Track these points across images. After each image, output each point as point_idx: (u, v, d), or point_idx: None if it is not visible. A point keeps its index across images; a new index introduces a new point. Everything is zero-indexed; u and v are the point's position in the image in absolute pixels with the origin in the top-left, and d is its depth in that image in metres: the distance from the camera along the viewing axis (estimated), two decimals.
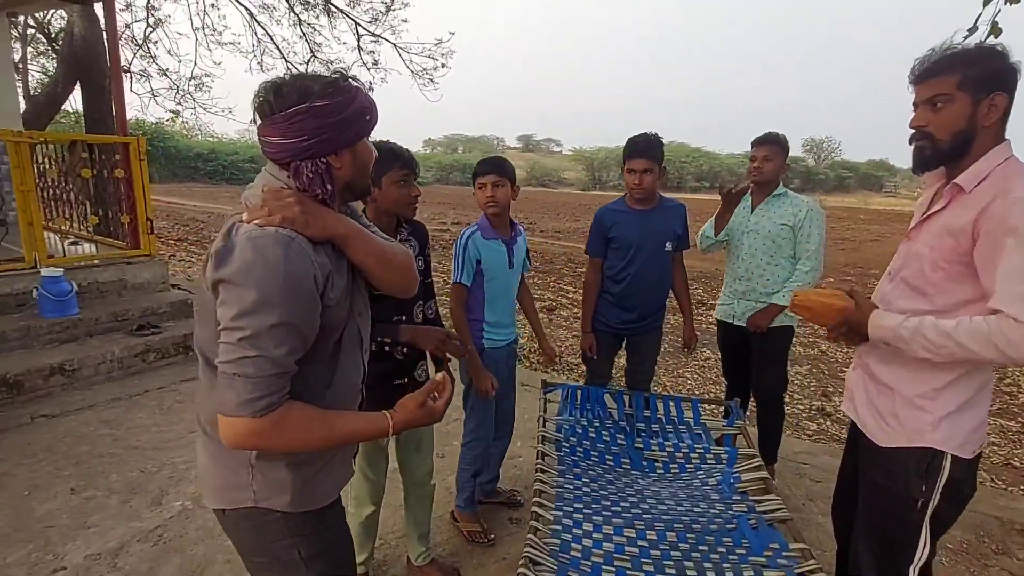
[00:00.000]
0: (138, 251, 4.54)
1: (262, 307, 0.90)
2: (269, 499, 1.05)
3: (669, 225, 2.48)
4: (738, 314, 2.71)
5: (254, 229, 0.93)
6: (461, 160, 53.43)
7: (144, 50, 10.79)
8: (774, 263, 2.59)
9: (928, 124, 1.27)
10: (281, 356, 0.93)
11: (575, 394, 2.43)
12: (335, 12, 11.39)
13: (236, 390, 0.91)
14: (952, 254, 1.24)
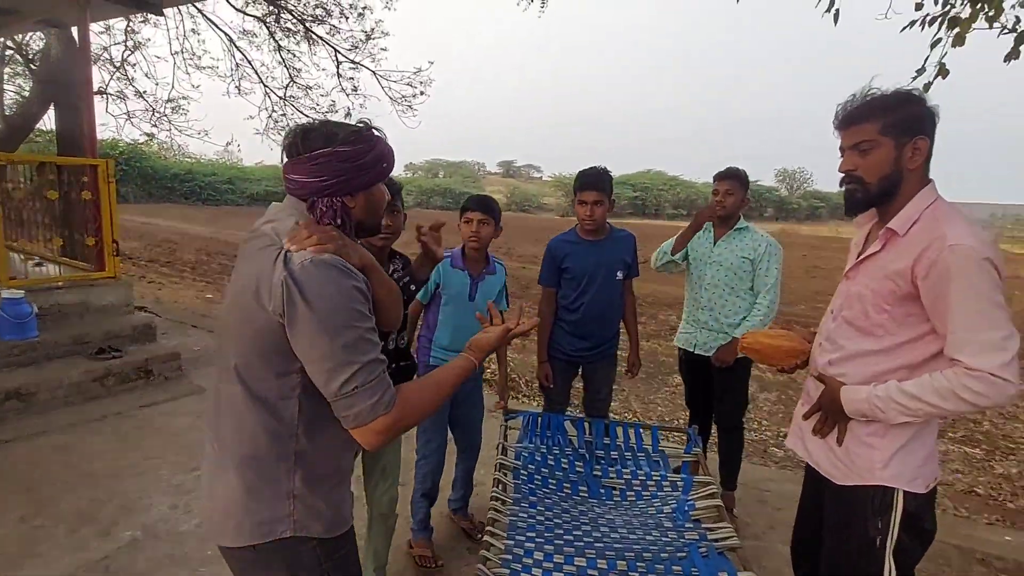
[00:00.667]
0: (102, 273, 4.47)
1: (350, 323, 1.01)
2: (307, 527, 1.09)
3: (619, 254, 2.58)
4: (700, 343, 2.79)
5: (310, 257, 1.02)
6: (442, 185, 53.69)
7: (121, 72, 10.77)
8: (735, 295, 2.69)
9: (857, 168, 1.31)
10: (377, 356, 1.04)
11: (536, 421, 2.45)
12: (315, 39, 11.54)
13: (363, 400, 1.01)
14: (892, 297, 1.28)
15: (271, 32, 11.61)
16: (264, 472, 1.07)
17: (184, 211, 25.78)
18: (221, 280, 9.68)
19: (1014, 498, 3.55)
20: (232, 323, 1.07)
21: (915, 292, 1.24)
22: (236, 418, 1.07)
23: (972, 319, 1.17)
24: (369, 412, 1.01)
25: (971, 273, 1.17)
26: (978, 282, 1.17)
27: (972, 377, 1.16)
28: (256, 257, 1.06)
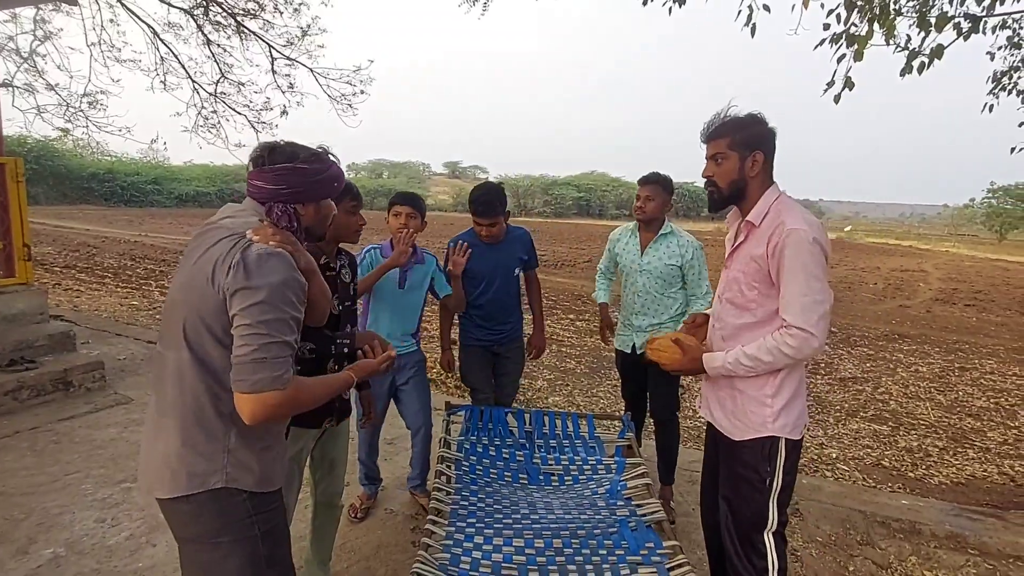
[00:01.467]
0: (12, 280, 4.15)
1: (281, 306, 1.17)
2: (237, 480, 1.23)
3: (515, 253, 2.77)
4: (638, 345, 2.88)
5: (265, 248, 1.19)
6: (386, 185, 52.82)
7: (30, 63, 9.96)
8: (667, 296, 2.82)
9: (713, 175, 1.64)
10: (292, 341, 1.20)
11: (477, 415, 2.51)
12: (247, 34, 11.10)
13: (268, 370, 1.14)
14: (757, 275, 1.58)
15: (199, 26, 11.08)
16: (203, 428, 1.21)
17: (104, 213, 24.13)
18: (147, 286, 9.15)
19: (914, 468, 3.93)
20: (184, 299, 1.22)
21: (769, 270, 1.54)
22: (180, 380, 1.21)
23: (798, 287, 1.48)
24: (269, 383, 1.15)
25: (802, 251, 1.48)
26: (806, 259, 1.48)
27: (789, 335, 1.49)
28: (214, 244, 1.21)
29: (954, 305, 11.40)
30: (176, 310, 1.22)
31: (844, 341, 7.88)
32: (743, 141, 1.58)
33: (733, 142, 1.59)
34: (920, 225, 51.88)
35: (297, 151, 1.31)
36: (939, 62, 3.85)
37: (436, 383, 5.29)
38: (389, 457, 3.06)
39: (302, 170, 1.29)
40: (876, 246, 29.11)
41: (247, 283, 1.15)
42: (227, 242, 1.20)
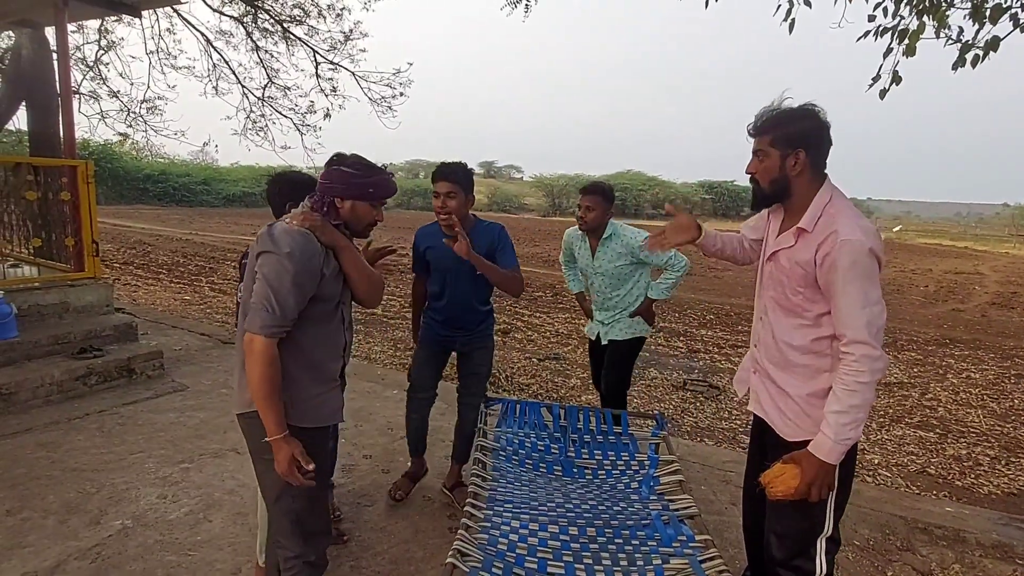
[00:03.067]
0: (82, 274, 4.47)
1: (287, 268, 1.43)
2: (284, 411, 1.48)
3: (482, 249, 2.44)
4: (602, 333, 3.06)
5: (290, 226, 1.48)
6: (422, 185, 53.55)
7: (95, 71, 10.62)
8: (625, 287, 2.96)
9: (756, 172, 1.57)
10: (291, 303, 1.44)
11: (514, 408, 2.58)
12: (293, 40, 11.51)
13: (262, 317, 1.42)
14: (803, 280, 1.51)
15: (248, 32, 11.54)
16: None
17: (158, 212, 25.33)
18: (198, 282, 9.61)
19: (962, 477, 3.80)
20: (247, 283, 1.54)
21: (817, 278, 1.47)
22: (241, 328, 1.52)
23: (856, 301, 1.40)
24: (258, 327, 1.42)
25: (858, 264, 1.40)
26: (861, 271, 1.40)
27: (854, 362, 1.40)
28: None
29: (1012, 309, 10.83)
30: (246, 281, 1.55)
31: (890, 345, 7.61)
32: (785, 138, 1.50)
33: (775, 139, 1.51)
34: (977, 225, 49.16)
35: (353, 159, 1.61)
36: (995, 54, 3.70)
37: None
38: (427, 447, 3.17)
39: (346, 173, 1.56)
40: (928, 247, 27.80)
41: (265, 248, 1.45)
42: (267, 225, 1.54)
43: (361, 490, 2.78)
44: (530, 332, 7.66)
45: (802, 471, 1.46)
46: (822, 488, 1.46)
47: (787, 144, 1.50)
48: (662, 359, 6.60)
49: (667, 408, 4.99)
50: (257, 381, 1.43)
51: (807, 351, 1.54)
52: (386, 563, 2.27)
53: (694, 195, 44.81)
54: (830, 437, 1.42)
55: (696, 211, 45.52)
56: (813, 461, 1.44)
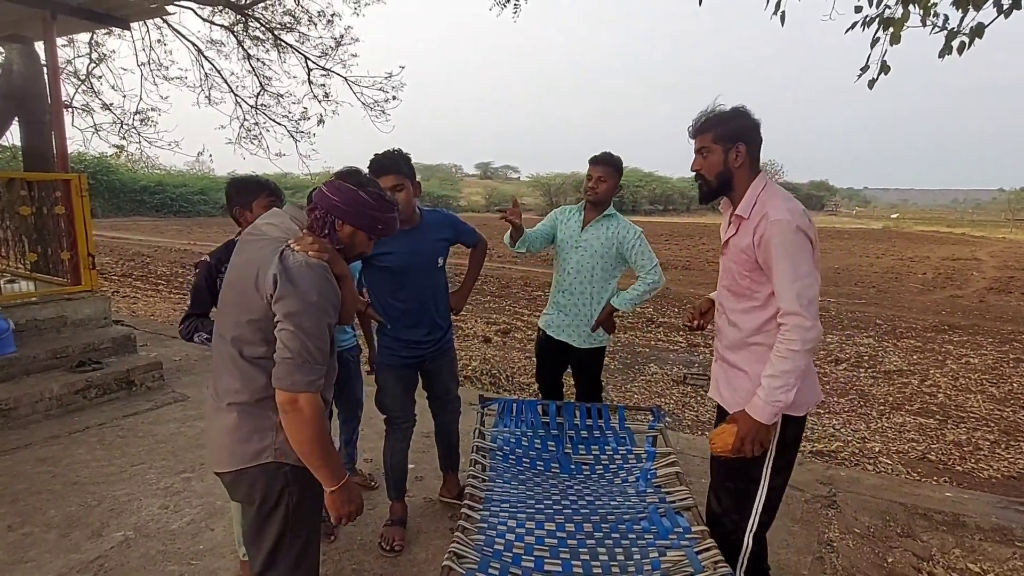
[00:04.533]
0: (79, 287, 4.48)
1: (318, 313, 1.30)
2: (286, 454, 1.38)
3: (435, 237, 2.34)
4: (553, 325, 2.86)
5: (304, 259, 1.31)
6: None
7: (87, 85, 10.62)
8: (596, 282, 2.75)
9: (701, 168, 1.71)
10: (326, 349, 1.34)
11: (511, 407, 2.59)
12: (284, 47, 11.51)
13: (306, 372, 1.29)
14: (747, 264, 1.65)
15: (239, 41, 11.55)
16: (255, 410, 1.37)
17: (155, 224, 25.36)
18: None
19: (962, 462, 3.80)
20: (231, 302, 1.37)
21: (757, 259, 1.61)
22: (231, 373, 1.37)
23: (787, 275, 1.54)
24: (304, 385, 1.29)
25: (786, 240, 1.54)
26: (790, 247, 1.54)
27: (786, 331, 1.54)
28: (258, 250, 1.34)
29: (1010, 294, 10.84)
30: (228, 310, 1.38)
31: (889, 333, 7.62)
32: (725, 135, 1.66)
33: (716, 136, 1.66)
34: (974, 211, 49.12)
35: (368, 183, 1.48)
36: (981, 41, 3.71)
37: (471, 379, 5.41)
38: (427, 449, 3.18)
39: (363, 200, 1.43)
40: (925, 234, 27.81)
41: (289, 291, 1.27)
42: (270, 250, 1.33)
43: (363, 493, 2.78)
44: (530, 332, 7.67)
45: (738, 428, 1.62)
46: (754, 444, 1.61)
47: (728, 139, 1.66)
48: (662, 354, 6.61)
49: (668, 403, 5.00)
50: (313, 438, 1.30)
51: (758, 331, 1.67)
52: (388, 564, 2.28)
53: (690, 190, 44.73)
54: (761, 398, 1.57)
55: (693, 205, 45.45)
56: (747, 420, 1.60)
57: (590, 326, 2.78)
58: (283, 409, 1.30)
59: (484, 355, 6.27)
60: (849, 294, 10.84)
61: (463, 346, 6.75)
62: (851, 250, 19.39)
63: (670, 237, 20.56)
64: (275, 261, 1.29)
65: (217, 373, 1.42)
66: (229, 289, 1.40)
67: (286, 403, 1.29)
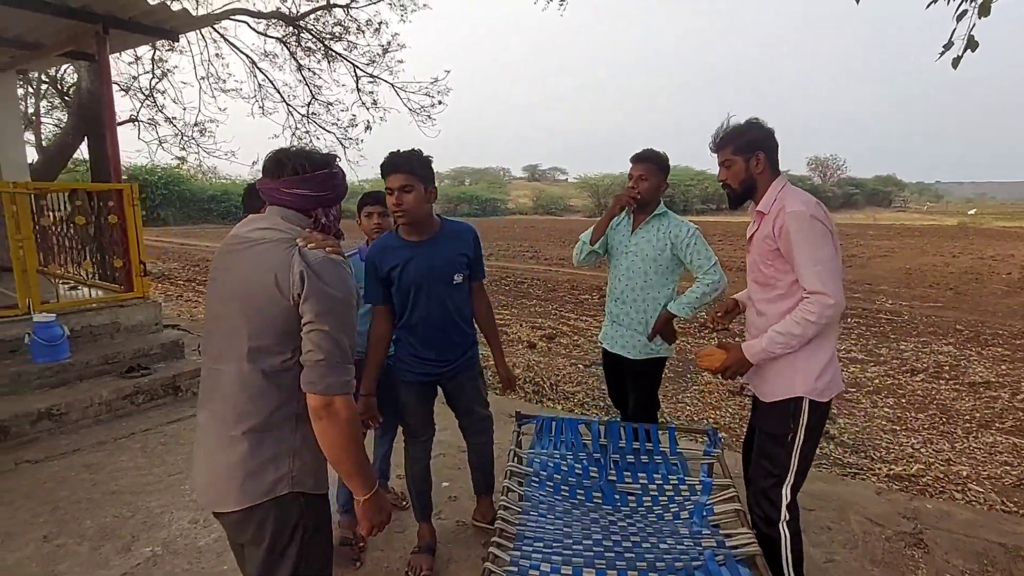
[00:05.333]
0: (131, 294, 4.60)
1: (347, 311, 1.24)
2: (302, 482, 1.27)
3: (454, 252, 2.13)
4: (608, 338, 2.67)
5: (323, 255, 1.24)
6: (468, 192, 54.12)
7: (150, 99, 11.19)
8: (651, 285, 2.53)
9: (727, 178, 1.89)
10: (354, 347, 1.27)
11: (549, 426, 2.39)
12: (334, 56, 11.75)
13: (339, 373, 1.20)
14: (770, 254, 1.79)
15: (291, 52, 11.89)
16: (271, 435, 1.24)
17: (221, 231, 26.58)
18: None
19: None
20: (239, 312, 1.23)
21: (779, 248, 1.75)
22: (241, 393, 1.23)
23: (806, 257, 1.67)
24: (339, 386, 1.20)
25: (802, 227, 1.68)
26: (807, 232, 1.68)
27: (808, 302, 1.68)
28: (264, 254, 1.24)
29: None
30: (229, 323, 1.24)
31: (972, 340, 6.90)
32: (744, 146, 1.83)
33: (736, 148, 1.84)
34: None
35: (327, 158, 1.33)
36: None
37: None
38: (462, 466, 3.01)
39: (338, 175, 1.34)
40: (1008, 231, 25.53)
41: (318, 288, 1.19)
42: (280, 250, 1.23)
43: (392, 523, 2.63)
44: (576, 337, 7.42)
45: (726, 357, 1.86)
46: (733, 375, 1.87)
47: (747, 150, 1.83)
48: None
49: (724, 416, 4.65)
50: (348, 443, 1.21)
51: (783, 318, 1.76)
52: None
53: None
54: (761, 344, 1.76)
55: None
56: (738, 353, 1.83)
57: (645, 335, 2.55)
58: (317, 415, 1.20)
59: (528, 362, 6.07)
60: (923, 296, 9.98)
61: (507, 352, 6.58)
62: (923, 249, 18.01)
63: (724, 237, 19.71)
64: (296, 259, 1.20)
65: (219, 401, 1.27)
66: (232, 302, 1.25)
67: (320, 408, 1.19)
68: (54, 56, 5.60)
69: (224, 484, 1.24)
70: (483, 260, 2.26)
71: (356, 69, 12.10)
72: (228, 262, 1.30)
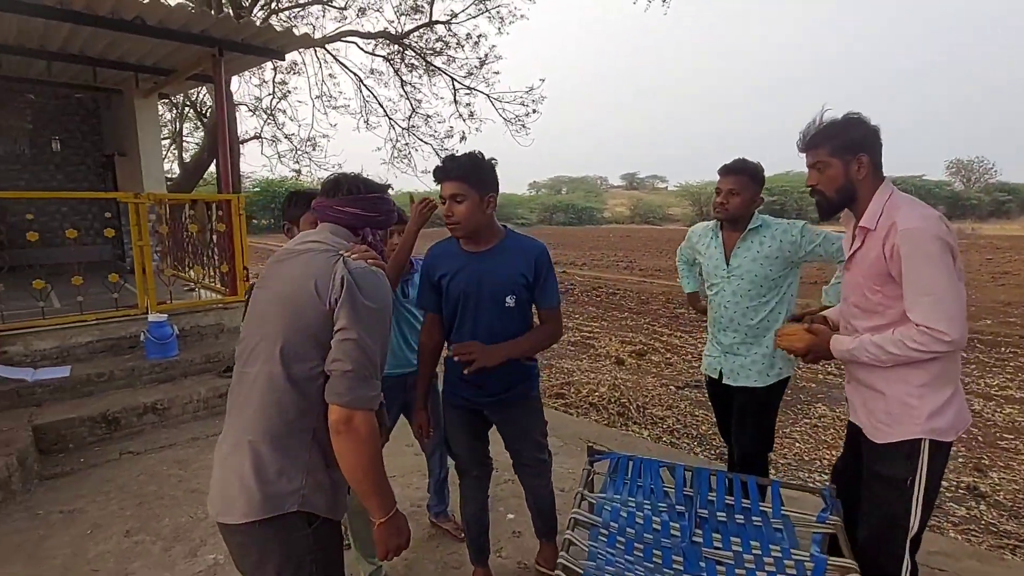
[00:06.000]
0: (235, 297, 4.88)
1: (381, 324, 1.22)
2: (312, 503, 1.21)
3: (512, 270, 1.83)
4: (726, 371, 2.36)
5: (365, 265, 1.24)
6: (564, 201, 54.05)
7: (272, 118, 12.23)
8: (766, 303, 2.25)
9: (818, 183, 1.63)
10: (383, 362, 1.24)
11: (625, 466, 2.08)
12: (435, 71, 12.14)
13: (366, 387, 1.17)
14: (878, 278, 1.55)
15: (395, 69, 12.46)
16: (286, 445, 1.20)
17: None
18: None
19: None
20: (278, 314, 1.22)
21: (890, 272, 1.51)
22: (265, 397, 1.20)
23: (919, 287, 1.46)
24: (365, 401, 1.16)
25: (919, 250, 1.45)
26: (925, 257, 1.44)
27: (916, 330, 1.47)
28: (308, 262, 1.25)
29: None
30: (267, 326, 1.23)
31: None
32: (844, 146, 1.58)
33: (834, 148, 1.59)
34: None
35: (378, 184, 1.41)
36: None
37: (596, 407, 4.90)
38: None
39: (388, 201, 1.41)
40: None
41: (355, 296, 1.18)
42: (324, 259, 1.24)
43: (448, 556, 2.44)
44: (668, 354, 6.92)
45: (811, 342, 1.72)
46: (814, 359, 1.76)
47: (847, 151, 1.58)
48: (832, 390, 5.45)
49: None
50: (368, 462, 1.17)
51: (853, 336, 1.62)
52: None
53: None
54: (852, 345, 1.61)
55: None
56: (825, 343, 1.69)
57: (770, 355, 2.27)
58: (336, 429, 1.16)
59: (614, 379, 5.70)
60: None
61: (593, 367, 6.26)
62: None
63: None
64: (339, 266, 1.21)
65: (240, 407, 1.25)
66: (273, 304, 1.24)
67: (340, 422, 1.15)
68: (185, 80, 6.18)
69: (232, 491, 1.19)
70: (554, 285, 1.90)
71: (454, 82, 12.43)
72: (277, 271, 1.31)
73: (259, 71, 12.43)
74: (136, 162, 7.32)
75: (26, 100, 7.30)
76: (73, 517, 2.69)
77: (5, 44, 5.12)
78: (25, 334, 4.00)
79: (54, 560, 2.36)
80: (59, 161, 8.32)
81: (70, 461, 3.30)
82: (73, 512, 2.74)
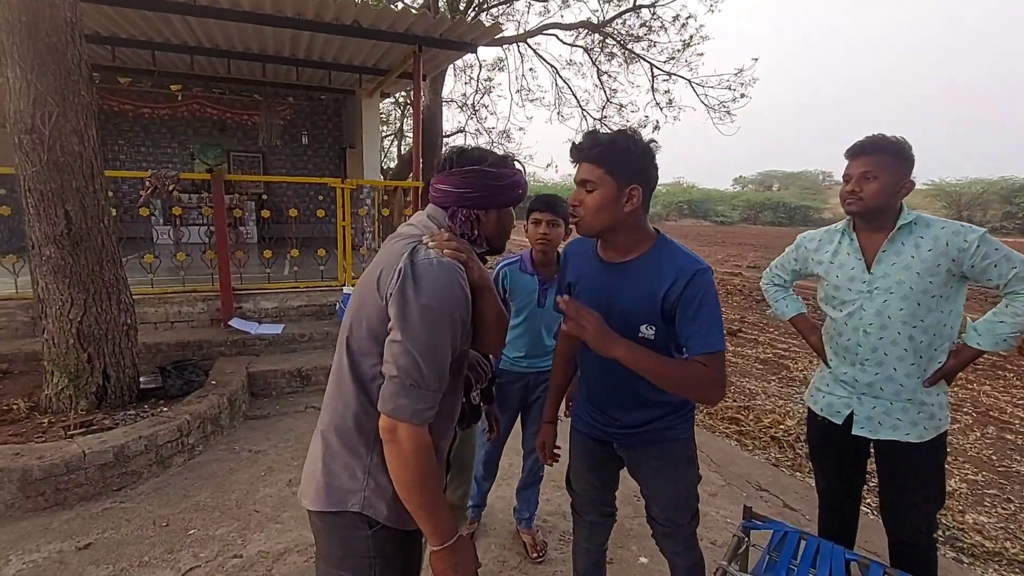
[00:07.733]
0: None
1: (439, 323, 1.06)
2: (374, 507, 1.13)
3: (650, 292, 1.38)
4: (860, 417, 1.77)
5: (436, 256, 1.10)
6: (773, 198, 48.57)
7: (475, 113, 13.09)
8: (924, 328, 1.66)
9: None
10: (445, 373, 1.09)
11: (793, 543, 1.60)
12: (633, 58, 11.68)
13: (411, 398, 1.05)
14: None
15: (593, 60, 12.31)
16: (351, 441, 1.14)
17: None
18: None
19: None
20: (353, 303, 1.17)
21: None
22: (337, 387, 1.16)
23: None
24: (408, 414, 1.04)
25: None
26: None
27: None
28: (390, 250, 1.14)
29: None
30: (347, 315, 1.19)
31: None
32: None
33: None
34: None
35: (485, 155, 1.24)
36: None
37: (777, 441, 4.13)
38: None
39: (489, 173, 1.21)
40: None
41: (407, 290, 1.06)
42: (402, 245, 1.14)
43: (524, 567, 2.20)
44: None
45: None
46: None
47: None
48: None
49: None
50: (412, 480, 1.05)
51: None
52: None
53: None
54: None
55: None
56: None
57: (921, 400, 1.71)
58: (383, 437, 1.08)
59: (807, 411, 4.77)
60: None
61: (782, 392, 5.35)
62: None
63: None
64: (404, 256, 1.09)
65: (327, 393, 1.22)
66: (356, 291, 1.20)
67: (385, 430, 1.07)
68: (397, 78, 6.85)
69: (308, 476, 1.19)
70: (712, 322, 1.33)
71: (653, 68, 11.82)
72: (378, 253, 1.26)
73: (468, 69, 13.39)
74: (360, 154, 8.42)
75: (287, 102, 8.88)
76: (257, 458, 3.10)
77: (267, 54, 6.22)
78: (256, 294, 4.82)
79: (232, 494, 2.72)
80: (309, 153, 10.12)
81: (270, 406, 3.85)
82: (258, 453, 3.16)
